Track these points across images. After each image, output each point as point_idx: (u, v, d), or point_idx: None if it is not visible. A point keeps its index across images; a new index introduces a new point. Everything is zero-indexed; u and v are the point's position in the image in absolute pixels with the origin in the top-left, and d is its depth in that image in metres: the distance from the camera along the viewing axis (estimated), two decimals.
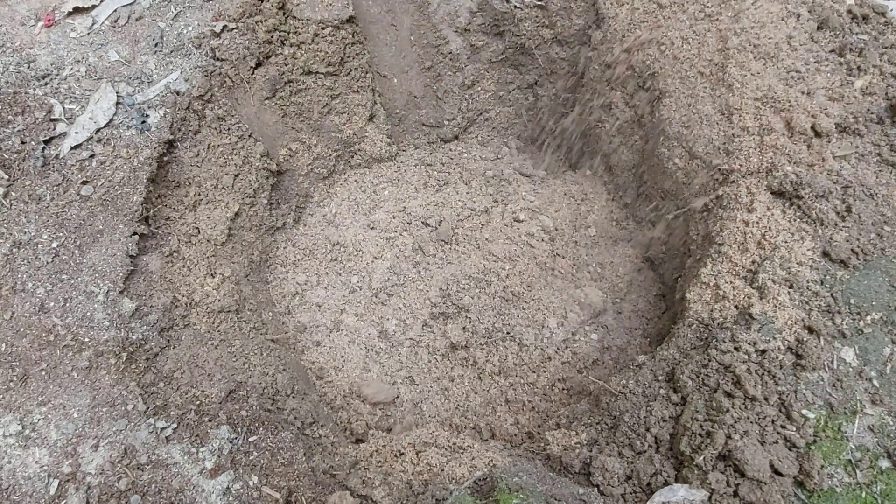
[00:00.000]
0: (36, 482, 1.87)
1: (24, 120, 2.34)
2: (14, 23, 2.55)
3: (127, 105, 2.42)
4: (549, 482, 1.91)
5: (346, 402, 2.75)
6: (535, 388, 2.70)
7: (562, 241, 3.13)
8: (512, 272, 2.98)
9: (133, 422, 1.97)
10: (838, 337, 1.90)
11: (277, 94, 2.90)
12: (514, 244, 3.08)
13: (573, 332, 2.84)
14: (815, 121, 2.18)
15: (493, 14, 3.11)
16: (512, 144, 3.68)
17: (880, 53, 2.30)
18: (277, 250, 3.15)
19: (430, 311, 2.95)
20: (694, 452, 1.82)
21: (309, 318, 2.98)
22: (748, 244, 2.12)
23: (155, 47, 2.55)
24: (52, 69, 2.45)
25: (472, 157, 3.59)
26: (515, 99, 3.58)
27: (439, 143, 3.65)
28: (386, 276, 3.06)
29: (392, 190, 3.41)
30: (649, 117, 2.76)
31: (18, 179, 2.25)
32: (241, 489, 1.95)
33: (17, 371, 1.98)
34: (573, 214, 3.22)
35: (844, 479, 1.71)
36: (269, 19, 2.72)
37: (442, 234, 3.12)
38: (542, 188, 3.37)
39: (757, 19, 2.40)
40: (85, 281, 2.13)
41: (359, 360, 2.88)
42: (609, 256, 3.07)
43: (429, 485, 1.98)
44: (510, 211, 3.21)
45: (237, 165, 2.72)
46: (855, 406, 1.80)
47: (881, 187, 2.08)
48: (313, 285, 3.08)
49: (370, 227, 3.24)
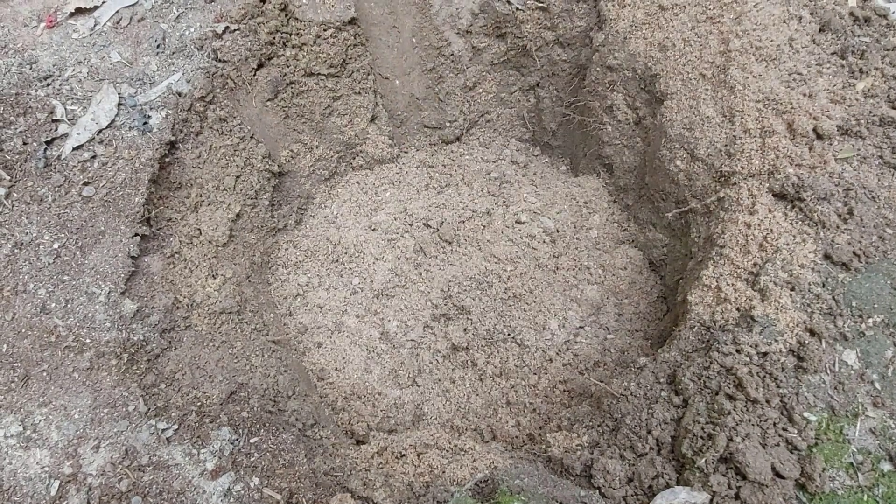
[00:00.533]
0: (37, 483, 1.87)
1: (26, 121, 2.34)
2: (16, 24, 2.55)
3: (129, 106, 2.42)
4: (551, 484, 1.91)
5: (348, 404, 2.75)
6: (536, 389, 2.70)
7: (563, 242, 3.13)
8: (513, 274, 2.98)
9: (134, 423, 1.97)
10: (840, 339, 1.89)
11: (279, 95, 2.91)
12: (515, 246, 3.08)
13: (574, 333, 2.83)
14: (817, 123, 2.18)
15: (495, 16, 3.12)
16: (513, 146, 3.68)
17: (882, 56, 2.30)
18: (279, 252, 3.15)
19: (431, 312, 2.95)
20: (695, 455, 1.82)
21: (310, 320, 2.98)
22: (750, 246, 2.12)
23: (157, 48, 2.55)
24: (54, 70, 2.46)
25: (473, 158, 3.59)
26: (517, 101, 3.59)
27: (441, 144, 3.65)
28: (387, 277, 3.06)
29: (393, 191, 3.41)
30: (651, 119, 2.76)
31: (20, 180, 2.25)
32: (242, 490, 1.95)
33: (18, 372, 1.99)
34: (575, 216, 3.22)
35: (846, 481, 1.71)
36: (271, 21, 2.72)
37: (443, 235, 3.12)
38: (544, 190, 3.37)
39: (759, 21, 2.40)
40: (86, 282, 2.13)
41: (360, 362, 2.87)
42: (610, 258, 3.07)
43: (430, 486, 1.98)
44: (511, 212, 3.21)
45: (239, 167, 2.72)
46: (857, 409, 1.80)
47: (883, 189, 2.07)
48: (315, 287, 3.08)
49: (372, 228, 3.25)
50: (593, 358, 2.75)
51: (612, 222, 3.21)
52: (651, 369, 2.13)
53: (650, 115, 2.77)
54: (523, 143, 3.72)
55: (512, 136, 3.71)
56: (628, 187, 3.14)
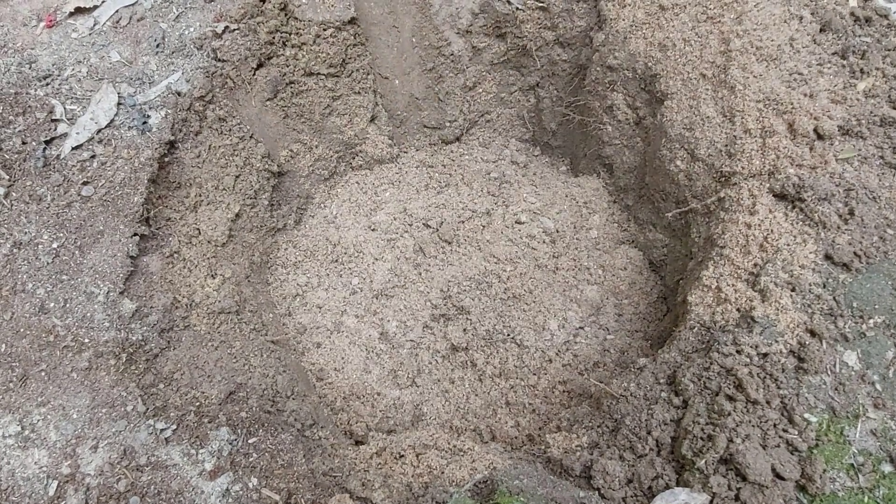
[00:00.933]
0: (35, 483, 1.86)
1: (25, 120, 2.34)
2: (16, 23, 2.55)
3: (128, 106, 2.42)
4: (550, 485, 1.90)
5: (347, 404, 2.75)
6: (535, 390, 2.69)
7: (563, 242, 3.12)
8: (513, 274, 2.97)
9: (132, 423, 1.97)
10: (840, 340, 1.89)
11: (279, 95, 2.90)
12: (515, 246, 3.08)
13: (574, 334, 2.83)
14: (818, 123, 2.17)
15: (495, 16, 3.11)
16: (513, 146, 3.67)
17: (883, 56, 2.29)
18: (278, 252, 3.15)
19: (430, 312, 2.95)
20: (695, 456, 1.81)
21: (309, 320, 2.98)
22: (750, 247, 2.11)
23: (156, 48, 2.55)
24: (53, 70, 2.45)
25: (473, 158, 3.59)
26: (517, 100, 3.58)
27: (441, 144, 3.65)
28: (387, 277, 3.06)
29: (393, 191, 3.41)
30: (651, 119, 2.76)
31: (19, 180, 2.25)
32: (240, 491, 1.94)
33: (16, 372, 1.98)
34: (574, 216, 3.22)
35: (847, 483, 1.71)
36: (271, 20, 2.72)
37: (443, 235, 3.12)
38: (544, 190, 3.37)
39: (759, 21, 2.39)
40: (85, 282, 2.13)
41: (359, 362, 2.87)
42: (610, 258, 3.06)
43: (429, 487, 1.97)
44: (511, 213, 3.21)
45: (238, 166, 2.72)
46: (857, 410, 1.79)
47: (884, 190, 2.07)
48: (314, 287, 3.07)
49: (371, 228, 3.24)
50: (593, 358, 2.75)
51: (612, 222, 3.21)
52: (651, 370, 2.12)
53: (650, 115, 2.77)
54: (523, 143, 3.71)
55: (512, 136, 3.71)
56: (628, 187, 3.14)
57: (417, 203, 3.31)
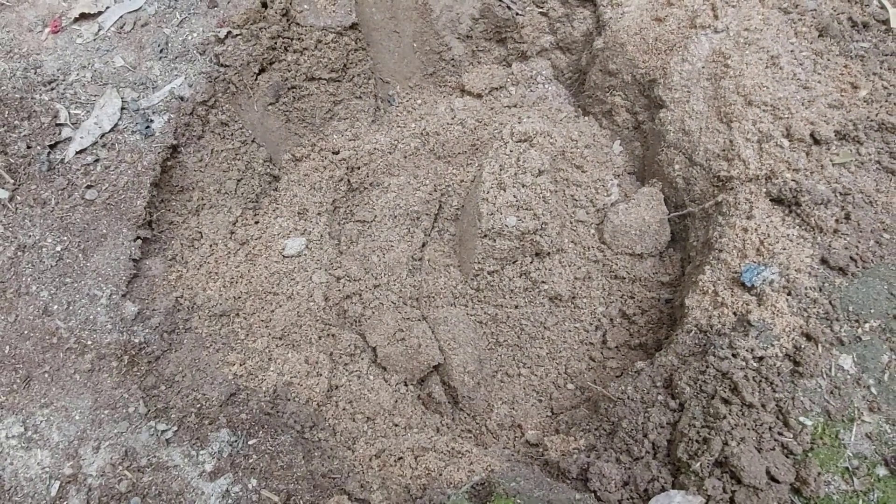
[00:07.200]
0: (37, 483, 1.89)
1: (30, 125, 2.37)
2: (21, 29, 2.58)
3: (132, 110, 2.45)
4: (547, 487, 1.92)
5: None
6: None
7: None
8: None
9: (134, 424, 1.99)
10: (836, 344, 1.90)
11: (280, 99, 2.93)
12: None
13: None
14: (815, 128, 2.18)
15: (495, 20, 3.13)
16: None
17: (881, 61, 2.30)
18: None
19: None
20: (691, 459, 1.83)
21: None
22: (747, 251, 2.12)
23: (160, 53, 2.58)
24: (58, 74, 2.49)
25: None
26: None
27: None
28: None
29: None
30: (649, 124, 2.77)
31: (24, 183, 2.28)
32: (240, 492, 1.96)
33: (20, 373, 2.01)
34: None
35: (841, 486, 1.71)
36: (273, 26, 2.75)
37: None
38: None
39: (757, 27, 2.41)
40: (88, 284, 2.15)
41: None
42: None
43: (427, 489, 1.99)
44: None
45: (240, 170, 2.75)
46: (852, 413, 1.80)
47: (880, 195, 2.08)
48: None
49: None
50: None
51: None
52: (648, 373, 2.14)
53: (649, 120, 2.78)
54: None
55: None
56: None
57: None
